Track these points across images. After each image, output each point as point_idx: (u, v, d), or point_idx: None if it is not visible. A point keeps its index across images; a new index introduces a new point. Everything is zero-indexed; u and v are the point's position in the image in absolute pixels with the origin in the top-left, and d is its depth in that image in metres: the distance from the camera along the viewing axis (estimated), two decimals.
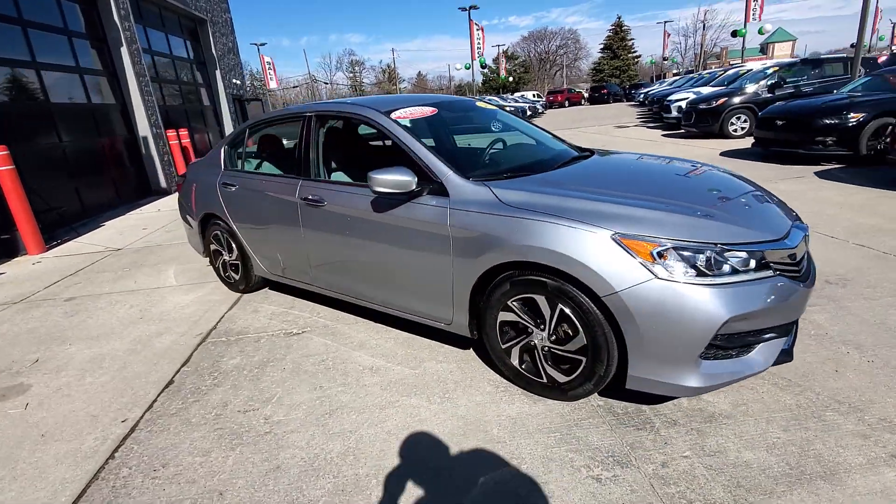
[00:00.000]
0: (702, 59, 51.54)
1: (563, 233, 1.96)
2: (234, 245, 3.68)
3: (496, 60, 33.22)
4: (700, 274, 1.81)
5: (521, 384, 2.33)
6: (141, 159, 9.24)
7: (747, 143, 9.47)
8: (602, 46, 49.82)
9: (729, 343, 1.86)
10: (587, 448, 1.93)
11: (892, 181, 5.62)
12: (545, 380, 2.21)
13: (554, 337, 2.12)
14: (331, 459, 1.99)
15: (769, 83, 10.78)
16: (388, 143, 2.93)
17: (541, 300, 2.09)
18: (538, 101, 29.72)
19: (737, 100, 10.95)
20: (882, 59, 12.04)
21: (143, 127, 9.14)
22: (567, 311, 2.02)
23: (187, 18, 12.20)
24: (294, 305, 3.58)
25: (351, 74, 78.23)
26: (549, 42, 75.50)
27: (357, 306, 3.35)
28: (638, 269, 1.83)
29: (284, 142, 3.76)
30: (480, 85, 57.86)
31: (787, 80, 10.90)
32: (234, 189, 3.48)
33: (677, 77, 33.10)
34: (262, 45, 31.85)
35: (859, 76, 9.40)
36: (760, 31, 24.94)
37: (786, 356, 2.00)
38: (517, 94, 32.05)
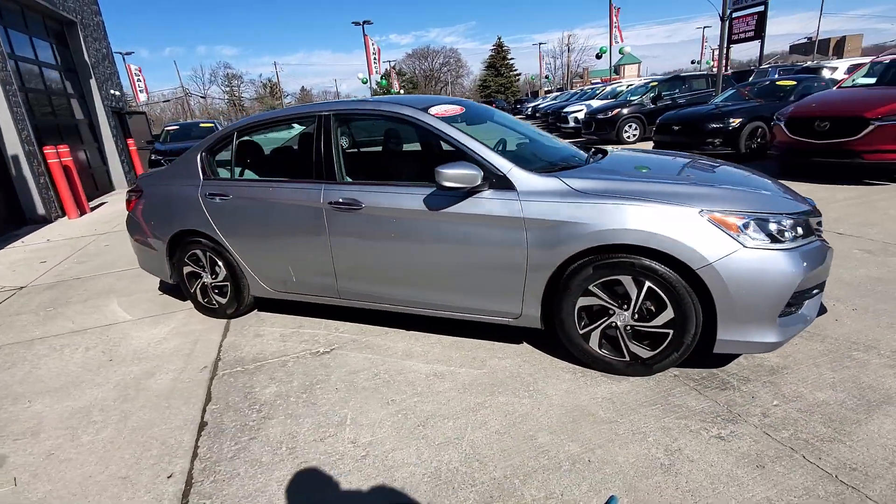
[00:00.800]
0: (569, 78, 57.42)
1: (654, 213, 2.08)
2: (220, 264, 3.24)
3: (388, 76, 33.60)
4: (774, 241, 2.05)
5: (599, 367, 2.40)
6: (11, 182, 7.66)
7: (641, 146, 10.75)
8: (486, 65, 53.12)
9: (795, 300, 2.13)
10: (692, 413, 2.06)
11: (772, 171, 6.81)
12: (628, 358, 2.31)
13: (637, 315, 2.23)
14: (455, 469, 1.86)
15: (651, 96, 12.42)
16: (408, 142, 2.85)
17: (626, 280, 2.19)
18: None
19: (626, 111, 12.40)
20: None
21: (13, 144, 7.60)
22: (655, 287, 2.14)
23: (54, 20, 10.44)
24: (302, 324, 3.25)
25: (228, 88, 73.06)
26: (433, 60, 78.41)
27: (381, 317, 3.17)
28: (727, 241, 2.01)
29: (261, 147, 3.43)
30: None
31: (664, 93, 12.65)
32: (225, 200, 3.07)
33: (550, 93, 36.46)
34: (129, 54, 28.23)
35: (722, 90, 11.26)
36: (621, 51, 28.60)
37: (823, 308, 2.34)
38: None
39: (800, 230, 2.14)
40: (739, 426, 1.96)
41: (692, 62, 45.23)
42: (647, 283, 2.15)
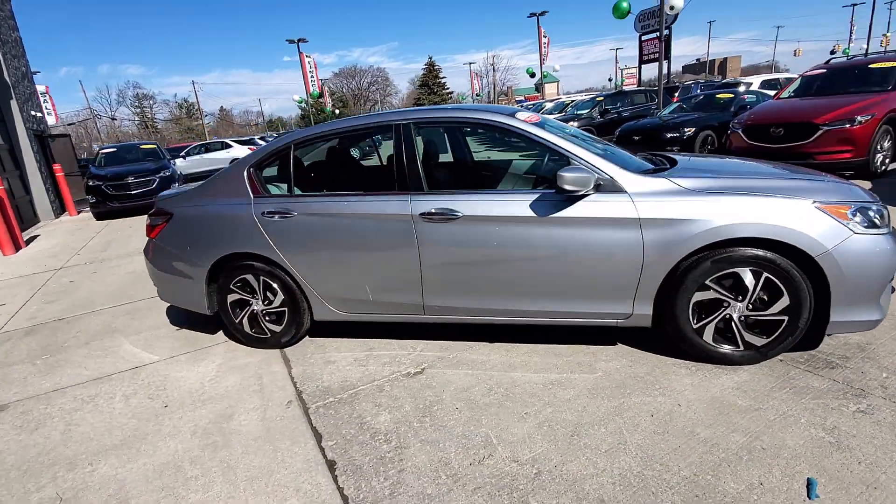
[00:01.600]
0: (496, 97, 59.81)
1: (774, 207, 2.21)
2: (276, 288, 2.97)
3: (321, 94, 33.07)
4: (872, 226, 2.24)
5: (713, 360, 2.46)
6: None
7: None
8: (419, 83, 53.99)
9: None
10: (821, 393, 2.18)
11: None
12: (742, 348, 2.41)
13: (751, 306, 2.34)
14: (641, 474, 1.82)
15: (599, 109, 13.26)
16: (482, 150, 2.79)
17: (744, 272, 2.29)
18: None
19: (577, 123, 13.11)
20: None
21: None
22: (772, 277, 2.26)
23: None
24: (371, 347, 3.05)
25: (138, 109, 67.83)
26: (361, 79, 78.37)
27: (455, 332, 3.05)
28: (840, 229, 2.18)
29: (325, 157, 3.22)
30: (299, 119, 56.39)
31: (609, 107, 13.57)
32: (288, 218, 2.83)
33: None
34: (35, 73, 25.21)
35: (664, 103, 12.27)
36: (545, 75, 30.39)
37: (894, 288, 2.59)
38: None
39: (884, 216, 2.37)
40: (870, 399, 2.10)
41: (609, 80, 49.00)
42: (765, 274, 2.27)
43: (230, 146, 18.05)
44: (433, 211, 2.59)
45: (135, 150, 11.16)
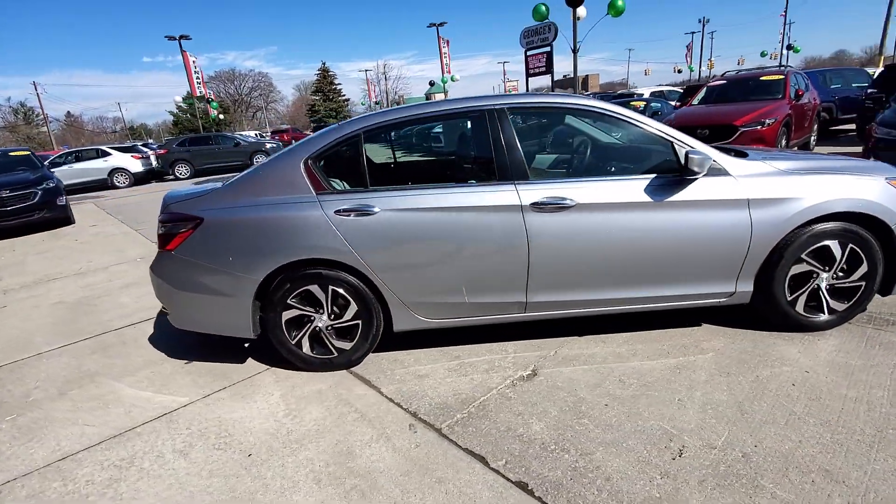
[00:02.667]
0: (389, 104, 59.95)
1: (861, 184, 2.46)
2: (349, 298, 2.57)
3: (204, 99, 29.66)
4: None
5: (805, 328, 2.64)
6: None
7: None
8: (314, 89, 51.62)
9: None
10: None
11: None
12: (827, 314, 2.63)
13: (836, 275, 2.58)
14: (833, 439, 1.87)
15: None
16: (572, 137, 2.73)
17: (833, 244, 2.51)
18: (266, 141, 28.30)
19: None
20: None
21: None
22: (855, 247, 2.51)
23: None
24: (457, 354, 2.77)
25: None
26: (241, 84, 73.00)
27: (535, 330, 2.91)
28: None
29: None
30: (172, 126, 50.64)
31: None
32: (368, 216, 2.45)
33: None
34: None
35: None
36: (452, 79, 31.19)
37: None
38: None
39: None
40: None
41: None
42: (850, 245, 2.51)
43: (108, 154, 15.47)
44: (544, 199, 2.44)
45: (3, 156, 8.98)
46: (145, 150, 16.18)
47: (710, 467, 1.79)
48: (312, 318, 2.61)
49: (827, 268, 2.56)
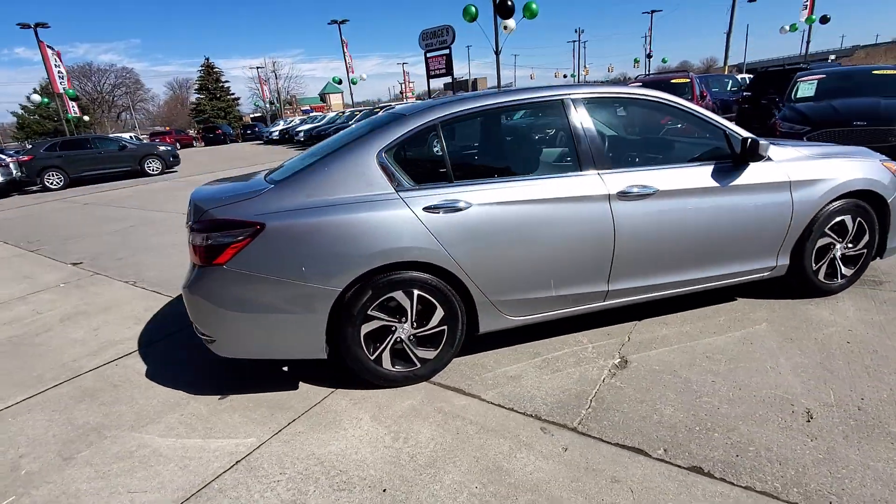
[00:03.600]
0: (282, 104, 56.62)
1: (869, 165, 2.87)
2: (435, 303, 2.36)
3: (58, 96, 24.94)
4: None
5: (824, 292, 3.01)
6: None
7: None
8: (198, 87, 46.59)
9: None
10: None
11: None
12: (840, 280, 3.03)
13: (848, 245, 2.98)
14: None
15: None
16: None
17: (847, 219, 2.90)
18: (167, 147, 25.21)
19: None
20: None
21: None
22: (862, 220, 2.93)
23: None
24: (537, 351, 2.68)
25: None
26: (101, 80, 63.83)
27: (589, 320, 2.94)
28: (894, 180, 2.96)
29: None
30: (17, 129, 42.62)
31: None
32: (460, 211, 2.27)
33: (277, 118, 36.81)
34: None
35: None
36: (355, 81, 30.41)
37: None
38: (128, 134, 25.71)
39: None
40: None
41: (400, 93, 51.93)
42: (859, 219, 2.91)
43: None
44: (630, 187, 2.47)
45: None
46: (3, 157, 13.34)
47: (842, 423, 1.95)
48: (394, 328, 2.35)
49: (841, 239, 2.95)
